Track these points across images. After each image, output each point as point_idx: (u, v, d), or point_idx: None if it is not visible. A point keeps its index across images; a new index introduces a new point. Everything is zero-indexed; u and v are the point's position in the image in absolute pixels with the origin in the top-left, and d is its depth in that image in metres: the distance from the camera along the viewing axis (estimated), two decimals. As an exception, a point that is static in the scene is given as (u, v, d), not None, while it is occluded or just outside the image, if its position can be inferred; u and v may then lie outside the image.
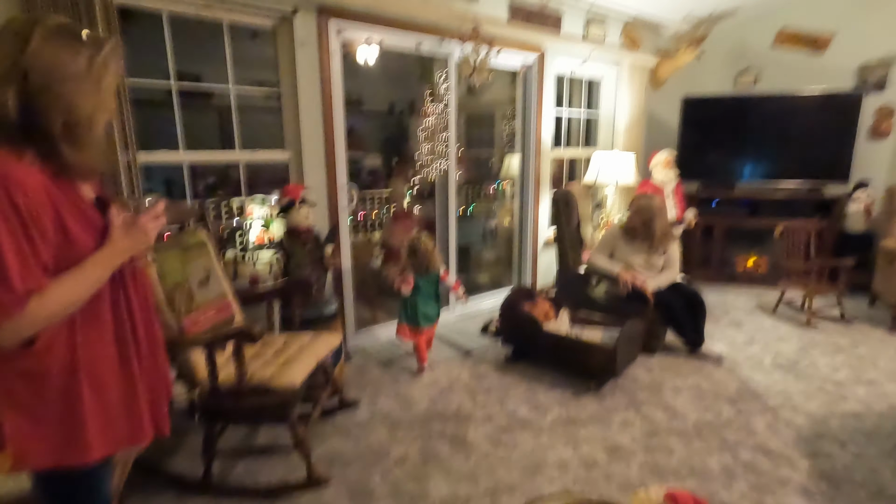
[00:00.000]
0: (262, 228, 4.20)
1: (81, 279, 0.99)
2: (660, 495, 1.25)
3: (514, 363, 3.12)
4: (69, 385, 1.01)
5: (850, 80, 4.53)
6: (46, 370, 0.99)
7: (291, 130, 2.92)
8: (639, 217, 3.20)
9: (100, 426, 1.05)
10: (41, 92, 0.93)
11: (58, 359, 1.00)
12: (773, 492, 1.97)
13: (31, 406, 1.00)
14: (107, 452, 1.08)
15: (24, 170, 0.92)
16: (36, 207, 0.92)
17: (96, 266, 1.01)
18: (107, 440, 1.07)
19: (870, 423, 2.46)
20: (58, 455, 1.02)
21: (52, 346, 0.99)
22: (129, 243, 1.07)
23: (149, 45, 2.51)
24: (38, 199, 0.92)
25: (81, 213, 1.01)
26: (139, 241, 1.08)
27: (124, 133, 2.21)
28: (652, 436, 2.35)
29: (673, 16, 4.58)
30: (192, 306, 1.94)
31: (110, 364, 1.07)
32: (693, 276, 4.65)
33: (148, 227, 1.09)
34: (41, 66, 0.92)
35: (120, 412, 1.10)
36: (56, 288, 0.95)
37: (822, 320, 3.85)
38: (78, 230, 1.00)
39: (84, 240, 1.01)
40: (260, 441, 2.32)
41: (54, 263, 0.97)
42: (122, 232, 1.06)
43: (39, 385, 1.00)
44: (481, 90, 4.18)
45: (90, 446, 1.04)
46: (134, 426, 1.12)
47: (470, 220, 5.47)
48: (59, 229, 0.97)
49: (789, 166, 4.65)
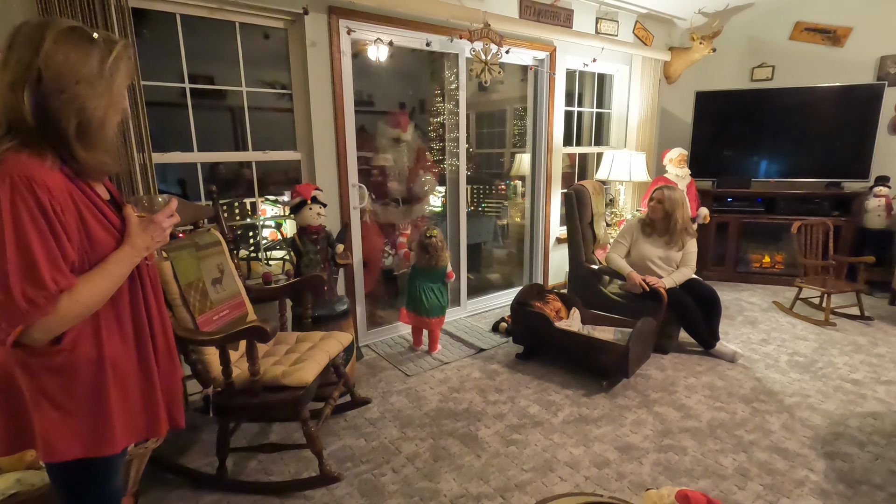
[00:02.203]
0: (273, 227, 4.24)
1: (106, 276, 1.03)
2: (672, 495, 1.24)
3: (526, 361, 3.12)
4: (96, 380, 1.05)
5: (869, 75, 4.43)
6: (74, 366, 1.03)
7: (303, 130, 2.95)
8: (660, 207, 3.14)
9: (123, 419, 1.10)
10: (55, 94, 0.95)
11: (84, 355, 1.04)
12: (789, 493, 1.94)
13: (61, 400, 1.03)
14: (128, 442, 1.13)
15: (47, 171, 0.95)
16: (61, 208, 0.95)
17: (119, 264, 1.05)
18: (128, 431, 1.12)
19: (889, 424, 2.41)
20: (86, 447, 1.06)
21: (79, 343, 1.03)
22: (147, 241, 1.10)
23: (162, 46, 2.55)
24: (62, 200, 0.95)
25: (101, 213, 1.05)
26: (156, 238, 1.12)
27: (140, 134, 2.25)
28: (665, 435, 2.33)
29: (687, 10, 4.51)
30: (206, 305, 1.97)
31: (131, 359, 1.12)
32: (707, 274, 4.60)
33: (164, 225, 1.13)
34: (54, 69, 0.94)
35: (140, 405, 1.14)
36: (84, 285, 0.99)
37: (841, 318, 3.78)
38: (98, 229, 1.03)
39: (104, 238, 1.04)
40: (273, 438, 2.35)
41: (79, 262, 1.00)
42: (140, 230, 1.09)
43: (68, 380, 1.03)
44: (492, 88, 4.17)
45: (115, 438, 1.08)
46: (152, 418, 1.16)
47: (480, 217, 5.46)
48: (82, 229, 1.00)
49: (806, 162, 4.57)
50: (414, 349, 3.27)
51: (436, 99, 4.00)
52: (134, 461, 1.70)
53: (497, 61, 3.44)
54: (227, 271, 2.17)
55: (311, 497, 1.95)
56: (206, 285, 2.01)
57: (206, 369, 1.94)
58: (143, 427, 1.16)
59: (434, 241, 3.03)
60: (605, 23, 4.24)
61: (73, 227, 0.98)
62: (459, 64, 3.55)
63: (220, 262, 2.14)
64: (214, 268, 2.09)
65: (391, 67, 3.41)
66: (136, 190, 2.26)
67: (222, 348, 1.80)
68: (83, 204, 1.01)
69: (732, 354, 3.09)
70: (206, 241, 2.12)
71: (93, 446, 1.07)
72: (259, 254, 3.73)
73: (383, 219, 3.70)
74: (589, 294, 3.43)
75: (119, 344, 1.09)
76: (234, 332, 1.76)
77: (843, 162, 4.45)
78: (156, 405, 1.17)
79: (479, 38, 3.31)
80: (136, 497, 1.77)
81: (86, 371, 1.04)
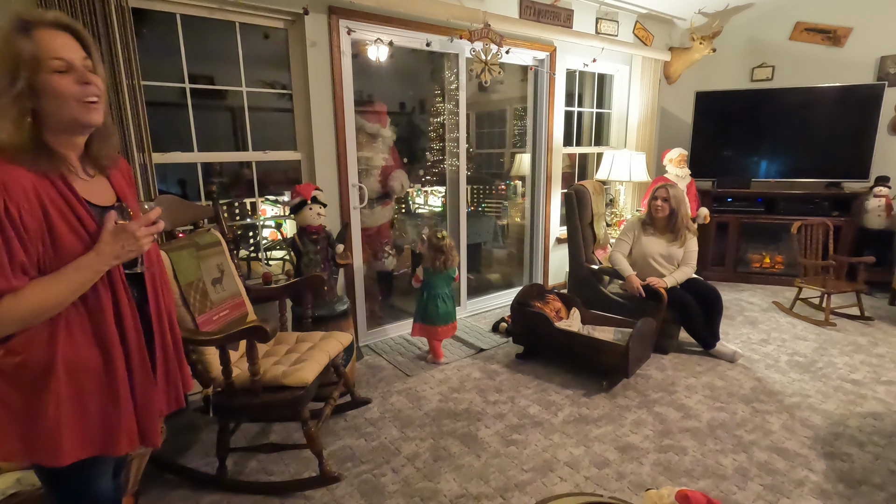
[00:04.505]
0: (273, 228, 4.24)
1: (61, 283, 0.97)
2: (672, 495, 1.24)
3: (526, 361, 3.12)
4: (45, 387, 1.00)
5: (869, 76, 4.43)
6: (23, 370, 0.99)
7: (303, 130, 2.95)
8: (666, 205, 3.12)
9: (74, 430, 1.03)
10: None
11: (36, 359, 0.99)
12: (789, 493, 1.94)
13: (8, 401, 0.99)
14: (80, 456, 1.05)
15: (6, 167, 0.92)
16: (17, 207, 0.91)
17: (79, 270, 0.98)
18: (81, 444, 1.05)
19: (889, 424, 2.41)
20: (29, 452, 1.02)
21: (31, 347, 0.99)
22: (117, 249, 1.02)
23: (162, 46, 2.55)
24: (19, 199, 0.91)
25: (74, 216, 1.00)
26: (128, 247, 1.04)
27: (140, 134, 2.25)
28: (665, 435, 2.33)
29: (687, 10, 4.51)
30: (206, 305, 1.97)
31: (92, 369, 1.05)
32: (707, 274, 4.60)
33: (139, 234, 1.04)
34: None
35: (97, 418, 1.07)
36: (31, 290, 0.94)
37: (841, 318, 3.78)
38: (65, 232, 0.98)
39: (71, 242, 0.99)
40: (273, 438, 2.34)
41: (39, 264, 0.96)
42: (111, 237, 1.02)
43: (15, 383, 0.99)
44: (492, 88, 4.17)
45: (61, 449, 1.02)
46: (109, 434, 1.09)
47: (480, 217, 5.46)
48: (46, 230, 0.95)
49: (806, 162, 4.57)
50: (436, 362, 3.11)
51: (436, 99, 4.00)
52: (134, 461, 1.70)
53: (497, 61, 3.44)
54: (227, 271, 2.17)
55: (311, 497, 1.95)
56: (206, 285, 2.01)
57: (206, 369, 1.93)
58: (100, 441, 1.08)
59: (447, 242, 2.99)
60: (605, 23, 4.25)
61: (33, 229, 0.93)
62: (459, 64, 3.55)
63: (220, 262, 2.14)
64: (214, 268, 2.10)
65: (391, 67, 3.41)
66: (137, 190, 2.26)
67: (222, 348, 1.80)
68: (53, 205, 0.96)
69: (732, 354, 3.09)
70: (206, 241, 2.12)
71: (36, 454, 1.02)
72: (259, 254, 3.73)
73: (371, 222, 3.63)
74: (589, 294, 3.43)
75: (81, 352, 1.03)
76: (235, 332, 1.76)
77: (843, 162, 4.45)
78: (118, 421, 1.08)
79: (479, 38, 3.31)
80: (136, 497, 1.77)
81: (35, 376, 0.99)
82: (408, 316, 3.77)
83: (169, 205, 2.07)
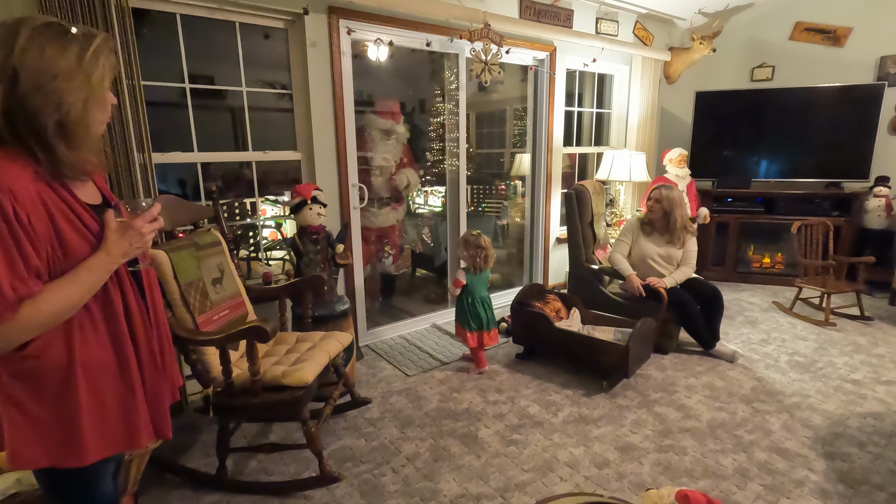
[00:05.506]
0: (273, 228, 4.24)
1: (75, 284, 0.98)
2: (672, 495, 1.24)
3: (526, 361, 3.12)
4: (65, 388, 1.01)
5: (869, 76, 4.43)
6: (42, 373, 0.99)
7: (303, 130, 2.95)
8: (658, 207, 3.14)
9: (96, 429, 1.05)
10: (32, 91, 0.92)
11: (53, 362, 1.00)
12: (789, 493, 1.94)
13: (28, 407, 1.00)
14: (102, 455, 1.07)
15: (15, 173, 0.91)
16: (26, 212, 0.90)
17: (91, 271, 1.00)
18: (103, 443, 1.07)
19: (890, 424, 2.41)
20: (53, 456, 1.02)
21: (48, 350, 0.99)
22: (125, 247, 1.04)
23: (162, 46, 2.55)
24: (28, 204, 0.91)
25: (77, 218, 1.00)
26: (135, 244, 1.06)
27: (140, 134, 2.25)
28: (665, 435, 2.33)
29: (687, 10, 4.51)
30: (206, 305, 1.97)
31: (108, 367, 1.07)
32: (707, 274, 4.60)
33: (143, 230, 1.07)
34: (30, 65, 0.91)
35: (117, 415, 1.09)
36: (48, 294, 0.94)
37: (841, 318, 3.78)
38: (72, 235, 0.98)
39: (79, 244, 0.99)
40: (273, 438, 2.35)
41: (48, 268, 0.96)
42: (118, 235, 1.04)
43: (35, 387, 1.00)
44: (492, 88, 4.17)
45: (86, 449, 1.04)
46: (130, 430, 1.11)
47: (480, 217, 5.46)
48: (53, 234, 0.96)
49: (806, 162, 4.57)
50: (481, 372, 2.99)
51: (436, 99, 4.00)
52: (134, 461, 1.70)
53: (497, 61, 3.44)
54: (227, 271, 2.17)
55: (311, 497, 1.95)
56: (206, 285, 2.01)
57: (206, 369, 1.93)
58: (122, 438, 1.10)
59: (484, 239, 2.93)
60: (605, 23, 4.25)
61: (42, 233, 0.93)
62: (459, 64, 3.55)
63: (220, 262, 2.14)
64: (214, 268, 2.09)
65: (391, 67, 3.40)
66: (136, 190, 2.26)
67: (222, 348, 1.80)
68: (57, 208, 0.96)
69: (732, 354, 3.09)
70: (206, 241, 2.12)
71: (59, 457, 1.02)
72: (259, 254, 3.73)
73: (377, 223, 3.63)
74: (589, 294, 3.43)
75: (95, 351, 1.04)
76: (235, 332, 1.76)
77: (842, 162, 4.45)
78: (136, 416, 1.11)
79: (480, 38, 3.31)
80: (136, 497, 1.77)
81: (54, 378, 1.00)
82: (408, 316, 3.78)
83: (169, 205, 2.07)
